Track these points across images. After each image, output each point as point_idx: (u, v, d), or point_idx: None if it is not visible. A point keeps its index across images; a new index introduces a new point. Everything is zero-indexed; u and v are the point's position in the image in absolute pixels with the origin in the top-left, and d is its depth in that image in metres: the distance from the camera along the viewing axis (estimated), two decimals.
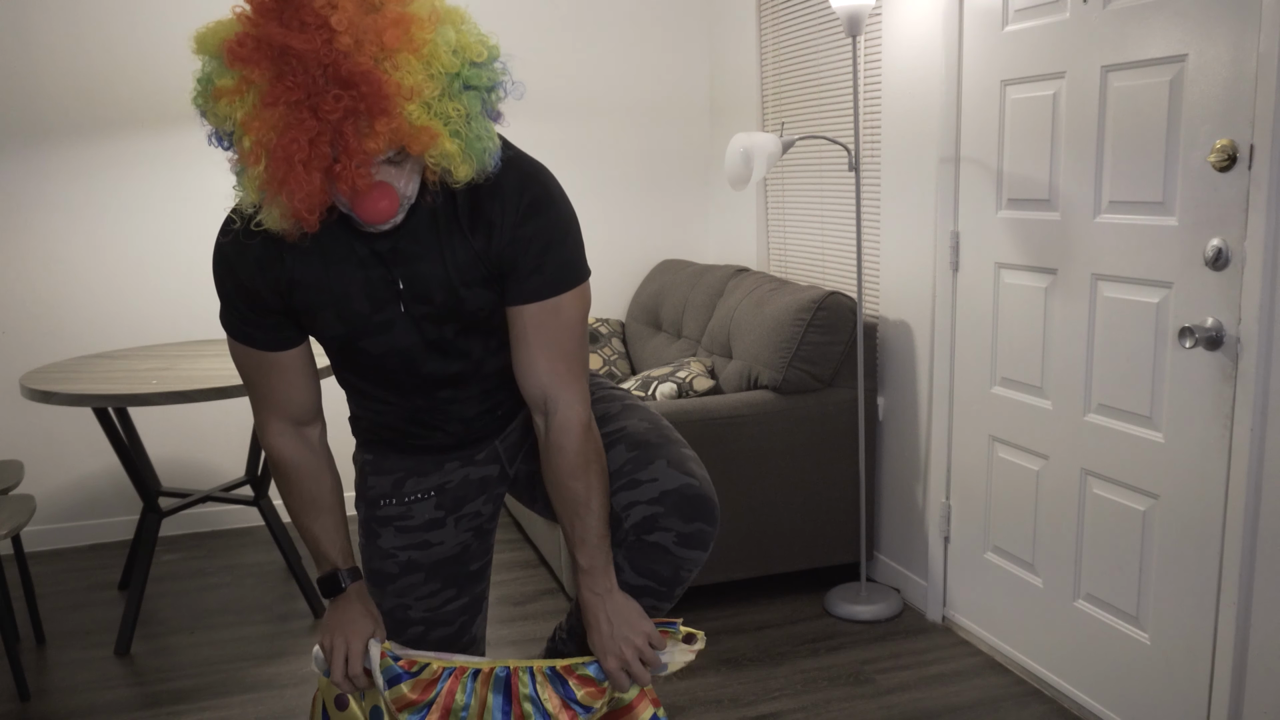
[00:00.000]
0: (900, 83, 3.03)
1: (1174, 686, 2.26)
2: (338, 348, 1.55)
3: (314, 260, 1.46)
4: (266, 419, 1.59)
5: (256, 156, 1.22)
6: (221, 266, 1.48)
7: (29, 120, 3.67)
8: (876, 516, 3.32)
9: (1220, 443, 2.09)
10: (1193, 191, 2.10)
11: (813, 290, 3.18)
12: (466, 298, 1.50)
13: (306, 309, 1.49)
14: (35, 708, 2.72)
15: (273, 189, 1.24)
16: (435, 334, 1.54)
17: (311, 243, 1.44)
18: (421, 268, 1.48)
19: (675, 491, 1.51)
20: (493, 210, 1.45)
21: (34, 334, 3.78)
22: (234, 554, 3.80)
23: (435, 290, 1.49)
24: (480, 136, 1.31)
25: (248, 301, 1.49)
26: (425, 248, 1.47)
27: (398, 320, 1.51)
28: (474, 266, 1.48)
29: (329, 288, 1.47)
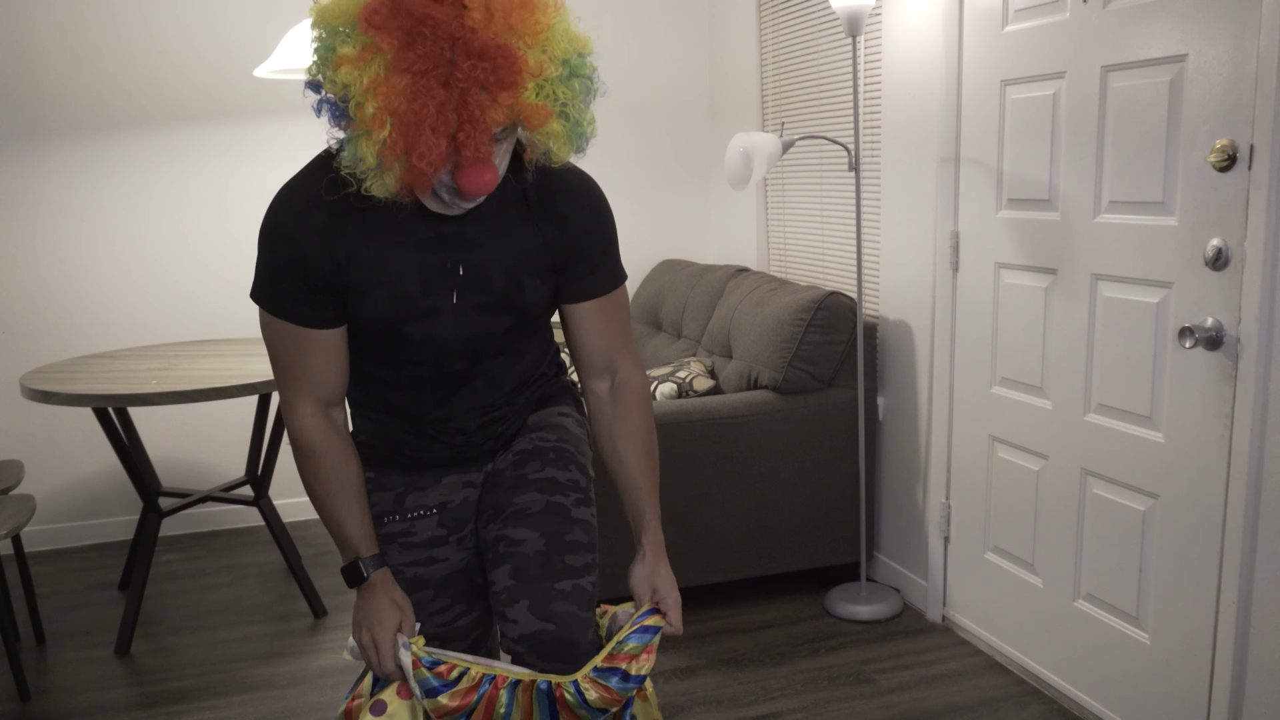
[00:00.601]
0: (900, 83, 3.03)
1: (1174, 686, 2.26)
2: (375, 331, 1.52)
3: (377, 237, 1.46)
4: (297, 401, 1.55)
5: (381, 121, 1.25)
6: (276, 236, 1.45)
7: (29, 120, 3.67)
8: (876, 516, 3.32)
9: (1220, 443, 2.09)
10: (1193, 191, 2.10)
11: (813, 290, 3.18)
12: (527, 287, 1.53)
13: (358, 286, 1.47)
14: (35, 708, 2.72)
15: (395, 153, 1.27)
16: (479, 328, 1.54)
17: (378, 220, 1.44)
18: (484, 254, 1.50)
19: (532, 636, 1.57)
20: (565, 204, 1.54)
21: (34, 334, 3.78)
22: (234, 554, 3.80)
23: (496, 277, 1.51)
24: (582, 122, 1.38)
25: (299, 274, 1.46)
26: (491, 234, 1.50)
27: (446, 309, 1.51)
28: (540, 255, 1.54)
29: (387, 266, 1.46)
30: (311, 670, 2.88)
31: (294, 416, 1.56)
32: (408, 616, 1.58)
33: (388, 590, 1.58)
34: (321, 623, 3.18)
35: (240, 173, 3.87)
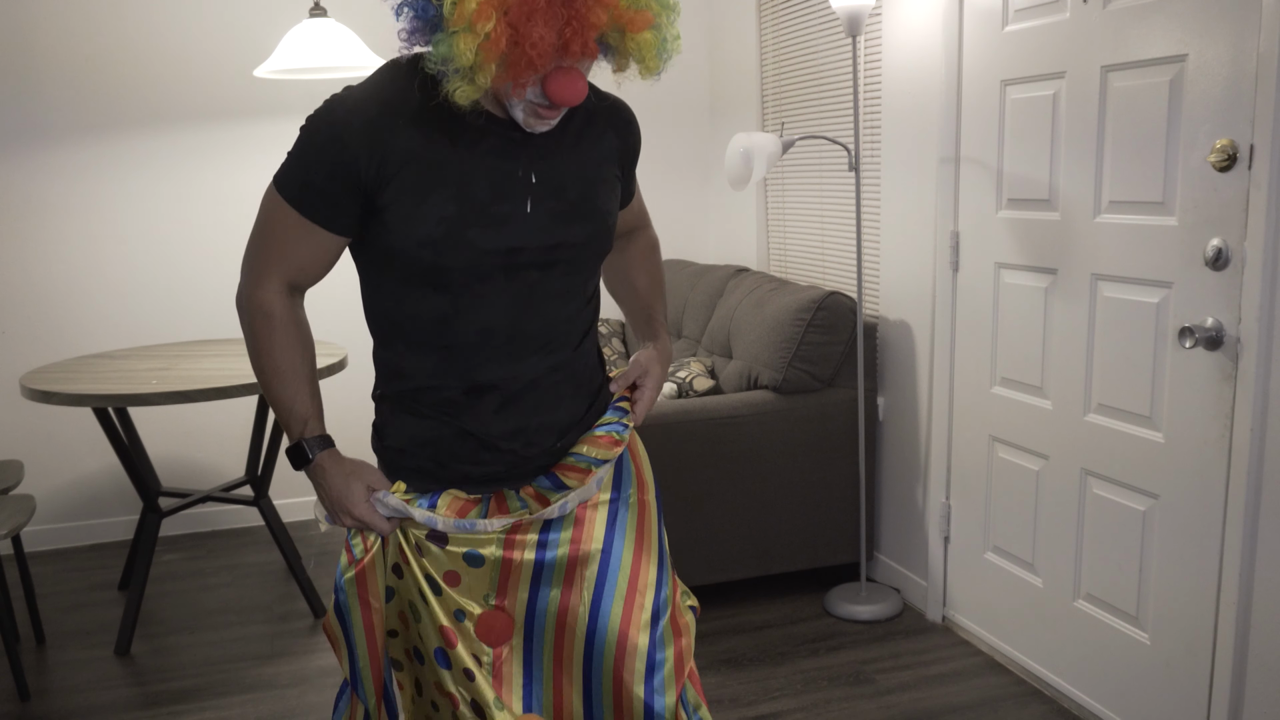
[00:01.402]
0: (900, 83, 3.03)
1: (1174, 686, 2.26)
2: (436, 241, 1.41)
3: (440, 139, 1.41)
4: (267, 276, 1.49)
5: (485, 14, 1.25)
6: (321, 122, 1.40)
7: (29, 120, 3.67)
8: (876, 516, 3.32)
9: (1220, 443, 2.09)
10: (1193, 191, 2.10)
11: (813, 290, 3.18)
12: (601, 194, 1.53)
13: (416, 188, 1.40)
14: (35, 708, 2.72)
15: (496, 48, 1.26)
16: (557, 237, 1.49)
17: (441, 123, 1.41)
18: (556, 161, 1.49)
19: None
20: (626, 113, 1.61)
21: (34, 334, 3.78)
22: (234, 554, 3.80)
23: (570, 183, 1.49)
24: (669, 37, 1.40)
25: (334, 167, 1.40)
26: (559, 143, 1.49)
27: (518, 215, 1.45)
28: (610, 161, 1.56)
29: (450, 166, 1.41)
30: (311, 670, 2.88)
31: (257, 288, 1.49)
32: (370, 475, 1.52)
33: (339, 466, 1.51)
34: (321, 623, 3.18)
35: (240, 172, 3.87)
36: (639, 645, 1.51)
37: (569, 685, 1.53)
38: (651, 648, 1.52)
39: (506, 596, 1.51)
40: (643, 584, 1.55)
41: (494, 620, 1.51)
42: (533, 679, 1.52)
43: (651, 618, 1.53)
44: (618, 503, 1.58)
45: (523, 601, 1.51)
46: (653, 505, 1.64)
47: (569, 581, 1.52)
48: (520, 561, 1.50)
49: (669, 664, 1.53)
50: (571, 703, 1.53)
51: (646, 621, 1.53)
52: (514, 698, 1.50)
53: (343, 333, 4.05)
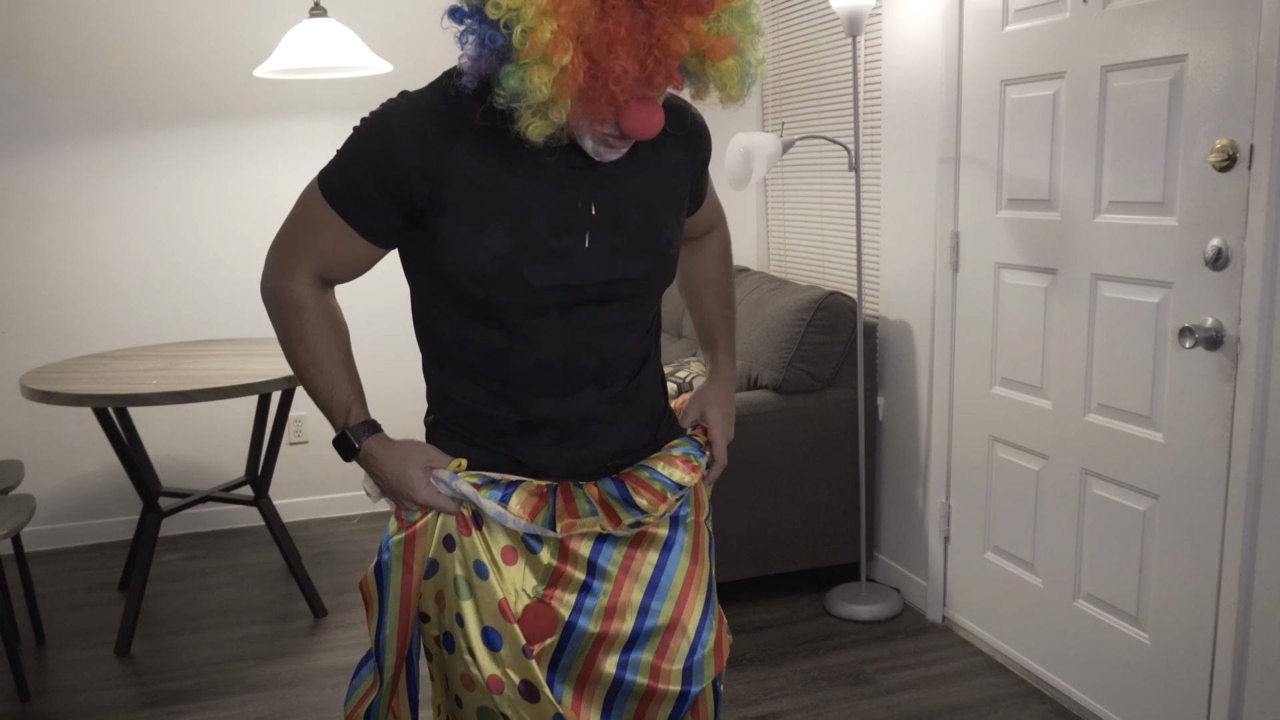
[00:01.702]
0: (900, 83, 3.03)
1: (1174, 686, 2.26)
2: (489, 277, 1.34)
3: (497, 166, 1.33)
4: (296, 269, 1.42)
5: (561, 45, 1.15)
6: (374, 129, 1.32)
7: (29, 120, 3.67)
8: (876, 516, 3.32)
9: (1220, 443, 2.09)
10: (1193, 191, 2.10)
11: (813, 290, 3.18)
12: (665, 223, 1.45)
13: (469, 219, 1.33)
14: (35, 708, 2.72)
15: (573, 82, 1.18)
16: (616, 273, 1.41)
17: (499, 148, 1.32)
18: (619, 190, 1.40)
19: None
20: (689, 129, 1.50)
21: (34, 334, 3.78)
22: (234, 554, 3.80)
23: (632, 213, 1.41)
24: (753, 61, 1.31)
25: (383, 179, 1.32)
26: (626, 169, 1.41)
27: (577, 252, 1.37)
28: (675, 182, 1.48)
29: (506, 196, 1.33)
30: (311, 670, 2.88)
31: (285, 276, 1.43)
32: (426, 454, 1.44)
33: (390, 451, 1.44)
34: (321, 623, 3.18)
35: (240, 173, 3.87)
36: (670, 691, 1.48)
37: (587, 707, 1.48)
38: (684, 685, 1.50)
39: (555, 590, 1.45)
40: (686, 619, 1.50)
41: (539, 614, 1.44)
42: (555, 682, 1.47)
43: (685, 664, 1.50)
44: (676, 527, 1.53)
45: (568, 604, 1.45)
46: (705, 531, 1.57)
47: (610, 614, 1.48)
48: (571, 574, 1.46)
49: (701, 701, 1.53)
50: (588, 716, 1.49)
51: (678, 672, 1.49)
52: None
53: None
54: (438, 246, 1.35)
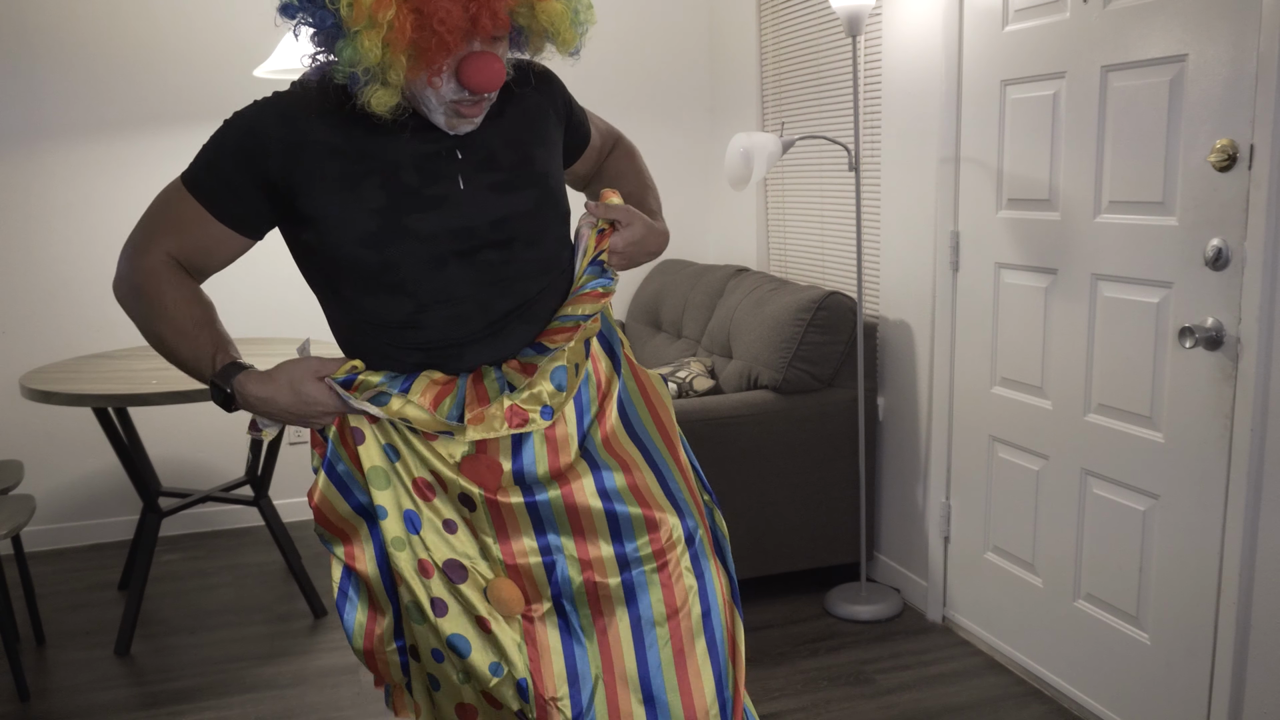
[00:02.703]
0: (900, 83, 3.03)
1: (1174, 686, 2.26)
2: (372, 235, 1.36)
3: (357, 130, 1.36)
4: (153, 249, 1.40)
5: (385, 3, 1.20)
6: (235, 120, 1.38)
7: (29, 120, 3.67)
8: (876, 516, 3.32)
9: (1220, 443, 2.09)
10: (1193, 191, 2.10)
11: (813, 290, 3.18)
12: (537, 156, 1.47)
13: (339, 187, 1.36)
14: (35, 708, 2.72)
15: (402, 37, 1.22)
16: (502, 210, 1.42)
17: (357, 115, 1.35)
18: (480, 133, 1.42)
19: None
20: (532, 75, 1.52)
21: (34, 334, 3.78)
22: (234, 554, 3.80)
23: (502, 150, 1.43)
24: (580, 8, 1.36)
25: (242, 156, 1.36)
26: (487, 117, 1.43)
27: (454, 195, 1.40)
28: (539, 120, 1.50)
29: (373, 156, 1.37)
30: (311, 670, 2.88)
31: (142, 254, 1.40)
32: (309, 365, 1.41)
33: (270, 381, 1.40)
34: (321, 623, 3.18)
35: None
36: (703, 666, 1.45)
37: (619, 648, 1.43)
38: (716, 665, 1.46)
39: (512, 544, 1.42)
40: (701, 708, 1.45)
41: (503, 589, 1.42)
42: (575, 642, 1.43)
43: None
44: (630, 573, 1.45)
45: (534, 551, 1.42)
46: (683, 570, 1.49)
47: (579, 531, 1.43)
48: (511, 504, 1.42)
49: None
50: (626, 666, 1.43)
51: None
52: (552, 670, 1.41)
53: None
54: (317, 225, 1.37)
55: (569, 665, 1.41)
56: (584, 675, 1.41)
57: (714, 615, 1.47)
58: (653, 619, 1.43)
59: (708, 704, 1.42)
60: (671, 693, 1.42)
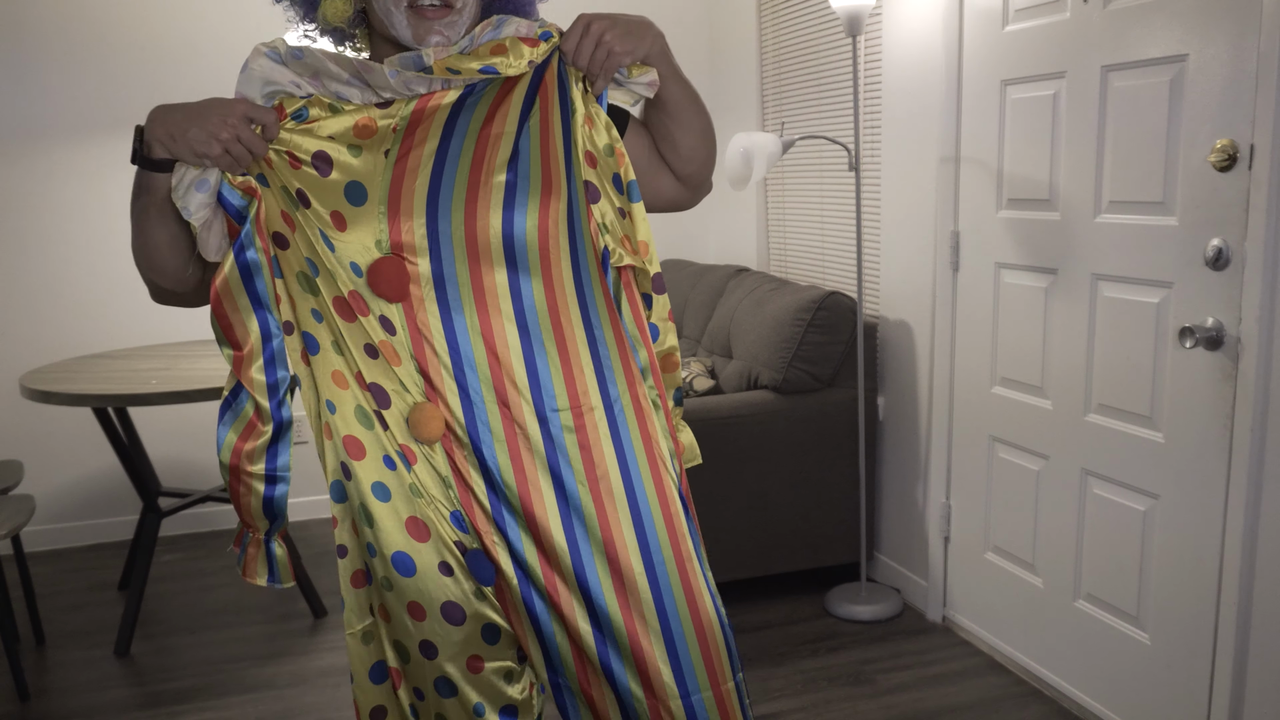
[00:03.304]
0: (900, 83, 3.03)
1: (1174, 686, 2.26)
2: None
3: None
4: None
5: None
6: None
7: (30, 120, 3.67)
8: (876, 516, 3.32)
9: (1220, 443, 2.09)
10: (1193, 191, 2.10)
11: (813, 290, 3.18)
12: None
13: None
14: (35, 708, 2.72)
15: None
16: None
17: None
18: None
19: None
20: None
21: (34, 334, 3.78)
22: (234, 554, 3.79)
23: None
24: None
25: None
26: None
27: None
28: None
29: None
30: (311, 670, 2.88)
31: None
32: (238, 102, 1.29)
33: (178, 106, 1.27)
34: (321, 623, 3.18)
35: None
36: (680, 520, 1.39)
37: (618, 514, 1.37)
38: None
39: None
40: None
41: (425, 413, 1.35)
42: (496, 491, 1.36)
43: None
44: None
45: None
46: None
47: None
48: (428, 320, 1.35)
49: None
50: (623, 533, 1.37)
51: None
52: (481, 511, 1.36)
53: None
54: None
55: (494, 511, 1.36)
56: (510, 521, 1.35)
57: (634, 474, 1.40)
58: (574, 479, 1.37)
59: (632, 560, 1.36)
60: (596, 545, 1.36)
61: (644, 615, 1.35)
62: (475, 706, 1.39)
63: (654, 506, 1.38)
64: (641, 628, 1.35)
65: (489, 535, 1.36)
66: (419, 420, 1.34)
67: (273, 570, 1.44)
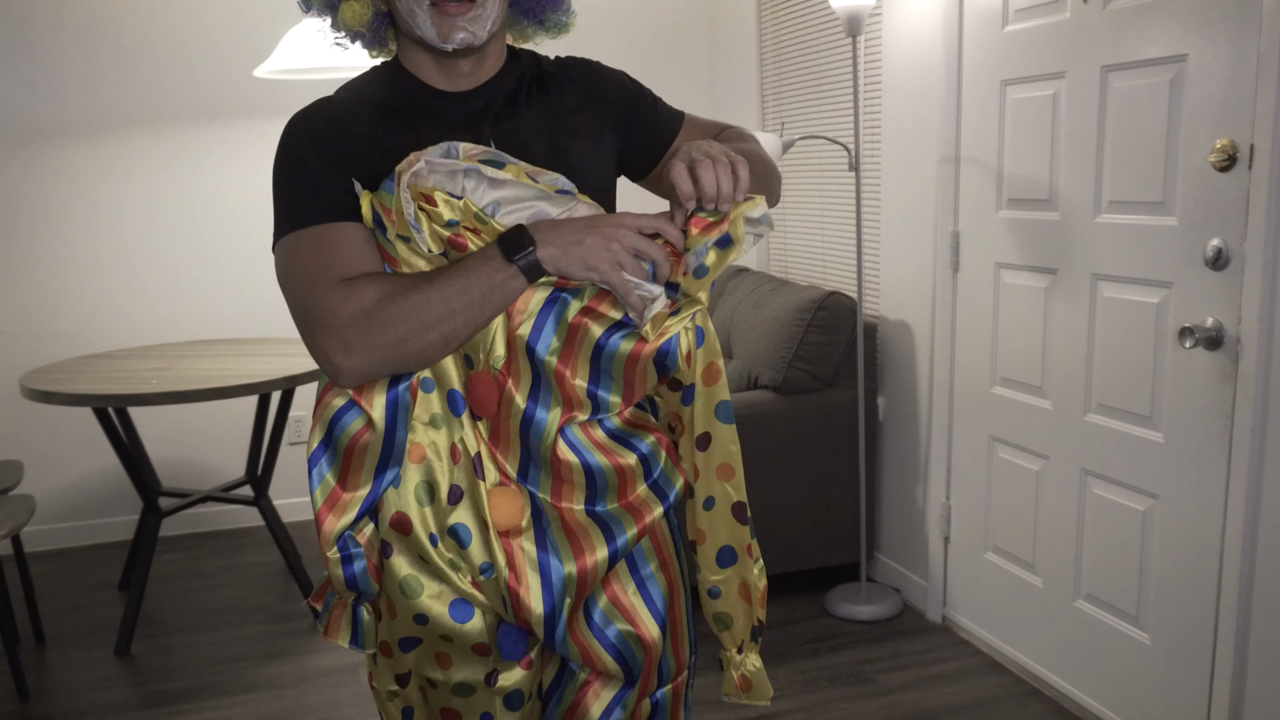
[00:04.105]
0: (900, 83, 3.03)
1: (1174, 686, 2.26)
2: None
3: (399, 125, 1.35)
4: (343, 293, 1.25)
5: None
6: (295, 135, 1.34)
7: (30, 121, 3.67)
8: (876, 516, 3.32)
9: (1220, 443, 2.09)
10: (1193, 191, 2.10)
11: (813, 290, 3.18)
12: (573, 151, 1.41)
13: (381, 177, 1.32)
14: (35, 708, 2.72)
15: None
16: None
17: (398, 108, 1.36)
18: (515, 122, 1.39)
19: None
20: (575, 70, 1.46)
21: (34, 334, 3.78)
22: (234, 554, 3.80)
23: (534, 141, 1.39)
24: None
25: (328, 160, 1.32)
26: (519, 104, 1.40)
27: None
28: (577, 112, 1.43)
29: (412, 146, 1.32)
30: (311, 670, 2.88)
31: (338, 309, 1.24)
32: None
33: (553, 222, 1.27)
34: None
35: (240, 173, 3.87)
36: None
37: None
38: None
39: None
40: None
41: (502, 499, 1.33)
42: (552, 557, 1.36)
43: None
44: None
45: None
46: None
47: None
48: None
49: None
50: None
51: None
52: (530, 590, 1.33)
53: None
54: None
55: (544, 580, 1.34)
56: (558, 587, 1.34)
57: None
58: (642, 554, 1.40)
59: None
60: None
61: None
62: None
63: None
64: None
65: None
66: (496, 505, 1.32)
67: (356, 635, 1.41)
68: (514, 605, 1.31)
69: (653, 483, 1.39)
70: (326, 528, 1.30)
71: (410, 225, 1.23)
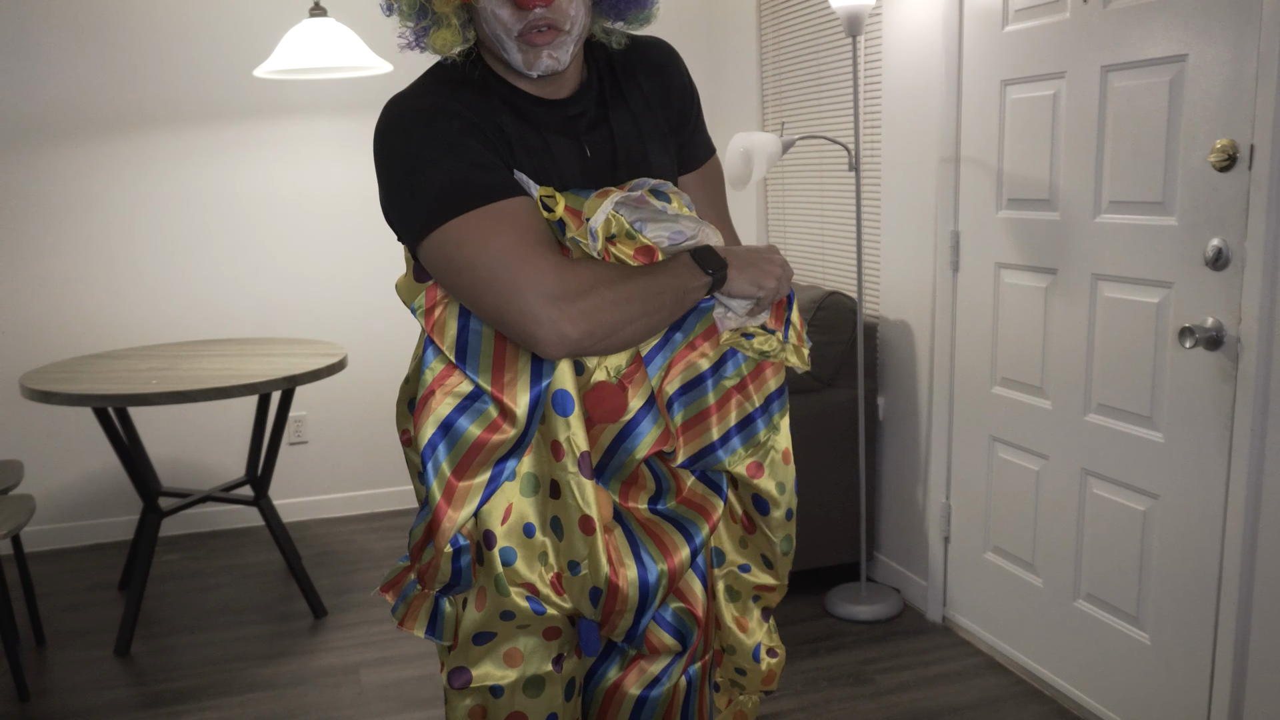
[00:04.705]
0: (900, 83, 3.03)
1: (1174, 686, 2.26)
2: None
3: (519, 122, 1.35)
4: (536, 275, 1.25)
5: None
6: (436, 116, 1.30)
7: (29, 120, 3.67)
8: (876, 516, 3.32)
9: (1220, 443, 2.09)
10: (1193, 191, 2.10)
11: (813, 290, 3.18)
12: (651, 153, 1.44)
13: (524, 168, 1.35)
14: (35, 708, 2.72)
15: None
16: None
17: (514, 109, 1.35)
18: (601, 130, 1.41)
19: None
20: (648, 58, 1.48)
21: (34, 334, 3.78)
22: (234, 554, 3.80)
23: (619, 147, 1.41)
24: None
25: (483, 140, 1.30)
26: (603, 108, 1.42)
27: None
28: (648, 113, 1.45)
29: (540, 144, 1.36)
30: (311, 670, 2.88)
31: (548, 285, 1.24)
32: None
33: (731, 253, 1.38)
34: (321, 623, 3.18)
35: (240, 173, 3.87)
36: None
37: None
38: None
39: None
40: None
41: (600, 496, 1.38)
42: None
43: None
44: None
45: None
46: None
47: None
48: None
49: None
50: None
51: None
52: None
53: (345, 332, 4.05)
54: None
55: (641, 576, 1.37)
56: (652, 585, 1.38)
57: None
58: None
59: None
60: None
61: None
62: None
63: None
64: None
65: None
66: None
67: (434, 624, 1.44)
68: (609, 599, 1.34)
69: (701, 474, 1.45)
70: (447, 522, 1.32)
71: (590, 233, 1.32)
